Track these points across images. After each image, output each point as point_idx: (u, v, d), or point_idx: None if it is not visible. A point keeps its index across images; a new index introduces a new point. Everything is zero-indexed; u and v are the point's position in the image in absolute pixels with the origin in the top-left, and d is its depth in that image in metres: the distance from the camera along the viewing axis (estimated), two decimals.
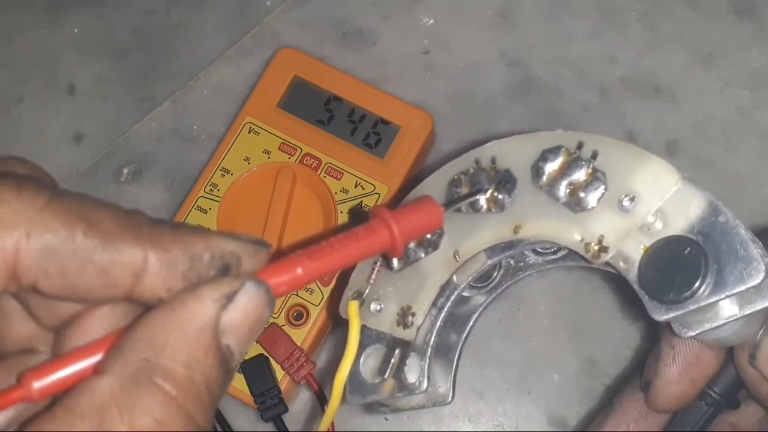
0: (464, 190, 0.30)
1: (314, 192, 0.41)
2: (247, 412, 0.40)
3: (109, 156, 0.46)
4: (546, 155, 0.28)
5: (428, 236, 0.30)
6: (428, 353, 0.30)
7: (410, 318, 0.30)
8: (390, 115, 0.42)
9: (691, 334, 0.26)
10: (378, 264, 0.31)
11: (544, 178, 0.28)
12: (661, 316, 0.26)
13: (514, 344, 0.41)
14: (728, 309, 0.26)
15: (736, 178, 0.43)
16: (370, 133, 0.42)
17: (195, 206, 0.41)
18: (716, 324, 0.26)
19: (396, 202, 0.42)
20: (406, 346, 0.31)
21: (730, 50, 0.45)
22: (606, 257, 0.27)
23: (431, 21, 0.47)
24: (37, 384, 0.19)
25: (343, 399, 0.28)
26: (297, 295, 0.40)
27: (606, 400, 0.40)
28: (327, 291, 0.40)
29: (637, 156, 0.27)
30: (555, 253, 0.32)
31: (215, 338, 0.19)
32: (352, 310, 0.29)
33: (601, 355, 0.41)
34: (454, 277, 0.31)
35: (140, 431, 0.18)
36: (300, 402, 0.42)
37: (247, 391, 0.39)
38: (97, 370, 0.19)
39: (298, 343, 0.39)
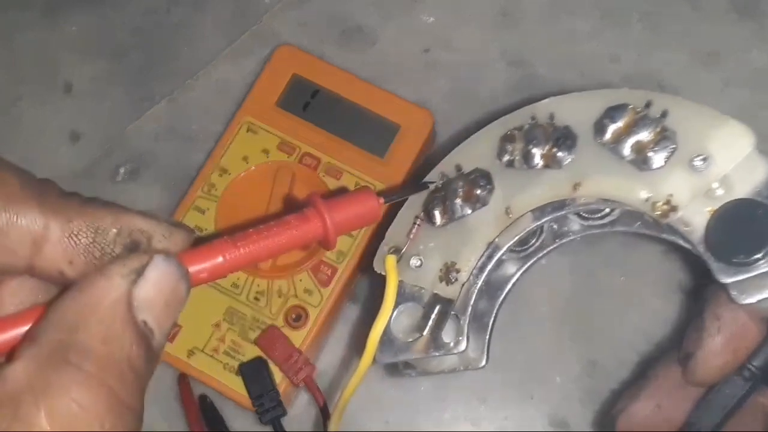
0: (518, 145, 0.30)
1: (313, 192, 0.41)
2: (245, 415, 0.40)
3: (107, 155, 0.46)
4: (611, 113, 0.28)
5: (477, 192, 0.30)
6: (468, 312, 0.30)
7: (454, 274, 0.30)
8: (390, 113, 0.42)
9: (750, 300, 0.26)
10: (419, 219, 0.30)
11: (608, 135, 0.28)
12: (728, 278, 0.26)
13: (515, 347, 0.41)
14: None
15: None
16: (370, 132, 0.42)
17: (193, 206, 0.41)
18: None
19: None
20: (446, 304, 0.30)
21: (731, 50, 0.45)
22: (675, 216, 0.27)
23: (432, 19, 0.46)
24: None
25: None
26: (295, 296, 0.39)
27: (609, 402, 0.40)
28: (326, 292, 0.39)
29: (712, 117, 0.27)
30: (602, 218, 0.31)
31: (130, 313, 0.19)
32: (390, 264, 0.29)
33: (604, 357, 0.41)
34: (497, 239, 0.30)
35: (60, 415, 0.17)
36: (299, 404, 0.41)
37: (246, 394, 0.38)
38: (11, 358, 0.18)
39: (297, 345, 0.39)
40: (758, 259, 0.25)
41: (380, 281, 0.29)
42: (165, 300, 0.19)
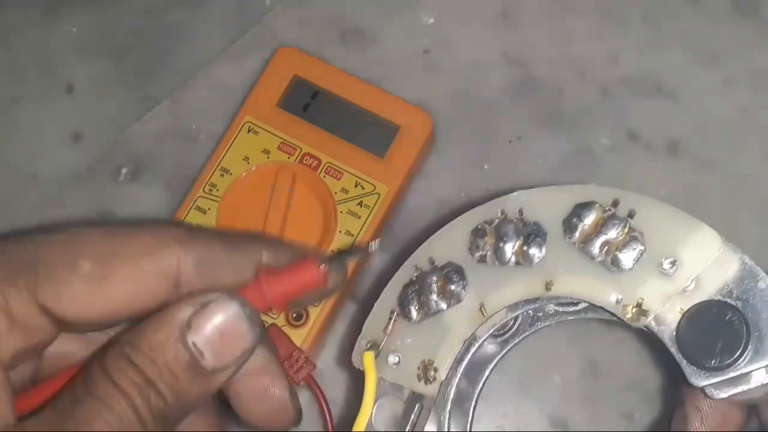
0: (489, 240, 0.29)
1: (314, 192, 0.41)
2: None
3: (108, 156, 0.46)
4: (578, 211, 0.28)
5: (452, 287, 0.29)
6: (448, 408, 0.30)
7: (432, 373, 0.30)
8: (390, 114, 0.42)
9: (723, 396, 0.26)
10: (395, 314, 0.30)
11: (577, 234, 0.28)
12: (702, 382, 0.26)
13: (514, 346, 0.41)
14: (761, 375, 0.26)
15: (738, 178, 0.43)
16: (370, 133, 0.42)
17: (194, 206, 0.41)
18: (748, 387, 0.26)
19: (396, 201, 0.42)
20: (425, 401, 0.30)
21: (732, 50, 0.44)
22: (645, 321, 0.27)
23: (432, 20, 0.46)
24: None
25: None
26: None
27: (608, 402, 0.40)
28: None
29: (679, 219, 0.27)
30: (576, 305, 0.31)
31: (180, 331, 0.22)
32: (368, 361, 0.29)
33: (603, 357, 0.41)
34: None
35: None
36: (300, 403, 0.41)
37: None
38: None
39: (298, 344, 0.39)
40: (729, 365, 0.25)
41: (361, 374, 0.30)
42: (221, 331, 0.22)
